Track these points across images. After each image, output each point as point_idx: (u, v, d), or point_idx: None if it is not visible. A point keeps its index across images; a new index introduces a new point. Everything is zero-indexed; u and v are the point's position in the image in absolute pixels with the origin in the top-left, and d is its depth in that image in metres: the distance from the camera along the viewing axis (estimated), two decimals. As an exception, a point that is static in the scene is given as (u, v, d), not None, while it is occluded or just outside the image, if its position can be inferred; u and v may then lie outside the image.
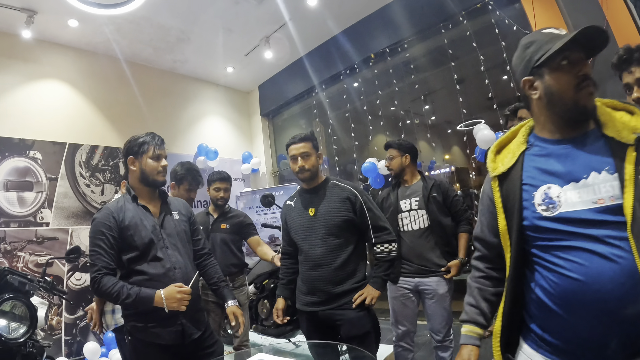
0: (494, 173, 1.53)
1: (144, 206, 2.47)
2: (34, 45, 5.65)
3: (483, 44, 5.44)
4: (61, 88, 5.96)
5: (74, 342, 5.33)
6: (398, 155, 3.59)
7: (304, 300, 2.86)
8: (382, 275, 2.80)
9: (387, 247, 2.81)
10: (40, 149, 5.52)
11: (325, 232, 2.77)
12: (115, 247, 2.30)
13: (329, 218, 2.78)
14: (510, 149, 1.53)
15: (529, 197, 1.41)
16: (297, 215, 2.95)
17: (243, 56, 7.23)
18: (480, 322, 1.64)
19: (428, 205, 3.43)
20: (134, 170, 2.48)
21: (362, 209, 2.81)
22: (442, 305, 3.36)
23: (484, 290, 1.67)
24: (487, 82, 5.28)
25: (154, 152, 2.48)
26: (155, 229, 2.41)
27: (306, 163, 2.86)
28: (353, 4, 6.07)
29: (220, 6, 5.73)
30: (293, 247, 2.99)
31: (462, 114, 5.81)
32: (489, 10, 5.20)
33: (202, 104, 7.94)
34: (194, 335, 2.41)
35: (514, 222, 1.44)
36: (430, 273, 3.36)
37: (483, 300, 1.66)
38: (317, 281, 2.77)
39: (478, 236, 1.71)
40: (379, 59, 6.56)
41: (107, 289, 2.20)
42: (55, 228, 5.47)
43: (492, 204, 1.56)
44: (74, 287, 5.45)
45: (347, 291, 2.73)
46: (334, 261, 2.74)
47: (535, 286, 1.41)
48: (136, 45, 6.44)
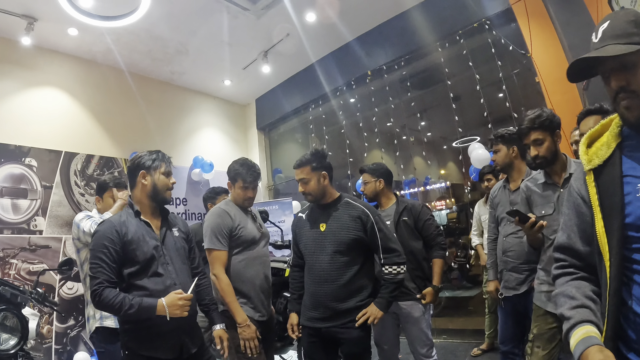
0: (589, 166, 1.34)
1: (146, 222, 2.49)
2: (33, 52, 5.67)
3: (479, 62, 5.51)
4: (59, 96, 5.97)
5: (64, 352, 5.29)
6: (372, 180, 3.57)
7: (308, 315, 2.85)
8: (388, 297, 2.80)
9: (395, 269, 2.80)
10: (36, 157, 5.52)
11: (333, 249, 2.77)
12: (117, 260, 2.31)
13: (339, 235, 2.79)
14: (604, 142, 1.35)
15: (633, 189, 1.23)
16: (307, 228, 2.96)
17: (241, 69, 7.27)
18: (595, 321, 1.26)
19: (397, 229, 3.39)
20: (145, 185, 2.49)
21: (372, 229, 2.81)
22: (419, 327, 3.34)
23: (584, 287, 1.36)
24: (483, 100, 5.34)
25: (166, 168, 2.53)
26: (156, 245, 2.43)
27: (306, 188, 2.90)
28: (351, 21, 6.14)
29: (219, 20, 5.77)
30: (302, 259, 3.00)
31: (457, 131, 5.87)
32: (485, 29, 5.28)
33: (198, 116, 7.95)
34: (192, 350, 2.43)
35: (614, 221, 1.25)
36: (402, 296, 3.28)
37: (586, 298, 1.32)
38: (322, 297, 2.77)
39: (564, 245, 1.46)
40: (375, 75, 6.61)
41: (109, 301, 2.19)
42: (49, 236, 5.45)
43: (585, 203, 1.37)
44: (66, 296, 5.43)
45: (352, 309, 2.73)
46: (340, 278, 2.74)
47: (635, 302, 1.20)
48: (135, 56, 6.48)
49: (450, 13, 5.52)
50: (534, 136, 2.51)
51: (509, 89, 5.20)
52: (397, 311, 3.35)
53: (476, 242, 5.03)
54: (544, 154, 2.50)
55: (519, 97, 5.25)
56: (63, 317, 5.30)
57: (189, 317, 2.39)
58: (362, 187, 3.65)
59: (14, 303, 2.86)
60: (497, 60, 5.23)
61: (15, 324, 2.80)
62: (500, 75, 5.20)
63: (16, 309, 2.84)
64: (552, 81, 4.55)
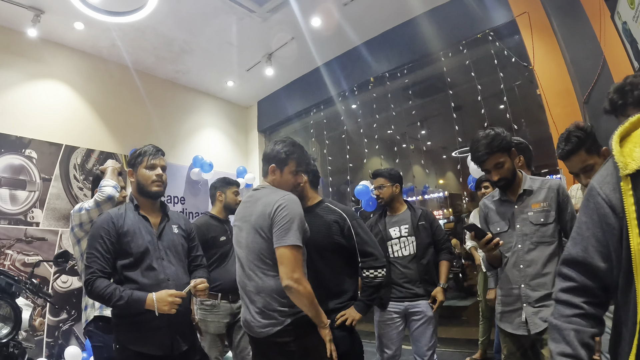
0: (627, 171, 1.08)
1: (144, 216, 2.51)
2: (38, 45, 5.68)
3: (481, 73, 5.54)
4: (62, 89, 5.98)
5: (55, 345, 5.27)
6: (388, 184, 3.63)
7: None
8: (366, 300, 2.81)
9: (373, 273, 2.81)
10: (36, 149, 5.52)
11: (313, 252, 2.76)
12: (112, 252, 2.33)
13: (317, 240, 2.77)
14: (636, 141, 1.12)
15: None
16: None
17: (244, 71, 7.29)
18: None
19: (417, 233, 3.51)
20: (133, 182, 2.55)
21: (350, 233, 2.81)
22: (429, 328, 3.40)
23: (582, 333, 1.21)
24: (484, 111, 5.36)
25: (148, 162, 2.53)
26: (152, 239, 2.45)
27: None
28: (356, 28, 6.17)
29: (225, 21, 5.80)
30: None
31: (457, 141, 5.89)
32: (489, 40, 5.30)
33: (200, 116, 7.97)
34: (182, 348, 2.42)
35: None
36: (419, 297, 3.41)
37: (582, 347, 1.20)
38: None
39: (577, 260, 1.25)
40: (378, 82, 6.63)
41: (100, 291, 2.22)
42: (45, 229, 5.45)
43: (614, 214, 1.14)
44: (60, 289, 5.42)
45: (331, 310, 2.73)
46: (321, 280, 2.74)
47: None
48: (139, 53, 6.50)
49: (454, 23, 5.55)
50: (493, 161, 2.49)
51: (510, 100, 5.23)
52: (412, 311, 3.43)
53: (469, 244, 5.06)
54: (505, 175, 2.51)
55: (520, 109, 5.29)
56: (56, 309, 5.29)
57: (181, 315, 2.40)
58: (377, 191, 3.69)
59: (8, 292, 2.86)
60: (500, 72, 5.25)
61: (8, 313, 2.80)
62: (502, 87, 5.23)
63: (10, 298, 2.84)
64: (553, 94, 4.57)
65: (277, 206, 2.35)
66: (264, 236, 2.35)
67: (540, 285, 2.38)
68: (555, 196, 2.44)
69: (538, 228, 2.43)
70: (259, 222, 2.38)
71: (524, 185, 2.53)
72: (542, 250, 2.41)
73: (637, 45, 3.17)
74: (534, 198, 2.50)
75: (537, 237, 2.43)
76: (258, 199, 2.49)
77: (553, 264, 2.37)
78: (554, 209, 2.43)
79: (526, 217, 2.47)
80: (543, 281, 2.37)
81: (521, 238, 2.47)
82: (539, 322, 2.33)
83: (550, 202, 2.44)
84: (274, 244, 2.31)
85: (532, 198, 2.50)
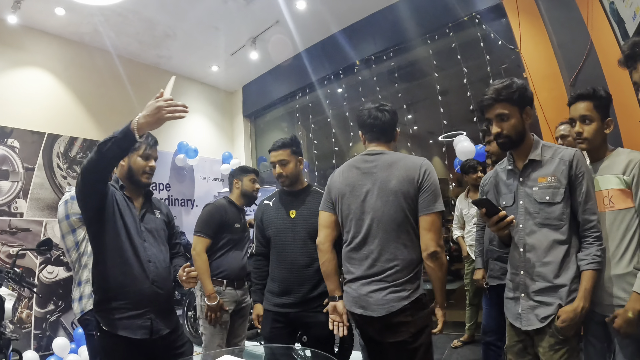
0: None
1: (129, 197, 2.47)
2: (19, 32, 5.56)
3: (468, 57, 5.52)
4: (44, 76, 5.87)
5: (43, 337, 5.24)
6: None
7: (275, 302, 2.86)
8: None
9: None
10: (19, 138, 5.42)
11: (306, 235, 2.81)
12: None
13: (310, 222, 2.81)
14: None
15: None
16: (275, 215, 2.96)
17: (229, 56, 7.21)
18: None
19: None
20: (122, 166, 2.48)
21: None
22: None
23: None
24: (470, 94, 5.36)
25: (145, 151, 2.49)
26: (135, 220, 2.42)
27: (284, 170, 2.91)
28: (341, 11, 6.11)
29: (209, 4, 5.71)
30: (267, 247, 3.00)
31: (443, 125, 5.88)
32: (475, 23, 5.29)
33: (184, 102, 7.58)
34: (162, 332, 2.39)
35: None
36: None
37: None
38: (293, 283, 2.81)
39: None
40: (363, 66, 6.59)
41: (89, 157, 2.10)
42: (30, 219, 5.38)
43: None
44: (46, 280, 5.36)
45: (322, 294, 2.76)
46: (312, 264, 2.77)
47: None
48: (122, 38, 6.39)
49: (440, 6, 5.50)
50: (498, 110, 2.11)
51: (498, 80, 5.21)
52: None
53: (457, 234, 5.09)
54: (508, 132, 2.12)
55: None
56: (41, 298, 5.23)
57: (162, 299, 2.40)
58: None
59: (-11, 282, 2.82)
60: (486, 55, 5.24)
61: (-11, 303, 2.77)
62: (488, 70, 5.22)
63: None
64: (540, 77, 4.57)
65: (423, 171, 2.24)
66: (410, 202, 2.21)
67: (539, 276, 2.06)
68: (567, 170, 2.05)
69: (543, 207, 2.07)
70: (403, 187, 2.22)
71: (532, 154, 2.14)
72: (546, 234, 2.07)
73: (625, 25, 3.17)
74: (542, 170, 2.11)
75: (541, 217, 2.08)
76: (390, 163, 2.30)
77: (557, 252, 2.04)
78: (564, 185, 2.04)
79: (530, 192, 2.12)
80: (542, 271, 2.05)
81: (523, 217, 2.14)
82: (533, 319, 2.06)
83: (560, 177, 2.05)
84: (423, 210, 2.20)
85: (541, 170, 2.12)
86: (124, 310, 2.28)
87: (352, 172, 2.39)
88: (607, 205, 2.11)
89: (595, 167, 2.22)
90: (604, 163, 2.19)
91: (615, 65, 2.13)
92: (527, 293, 2.10)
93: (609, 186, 2.11)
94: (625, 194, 2.06)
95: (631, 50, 1.87)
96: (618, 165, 2.12)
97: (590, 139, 2.18)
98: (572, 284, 1.99)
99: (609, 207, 2.10)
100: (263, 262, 3.05)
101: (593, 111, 2.17)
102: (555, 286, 2.01)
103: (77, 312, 3.13)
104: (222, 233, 3.54)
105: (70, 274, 3.73)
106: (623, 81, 3.01)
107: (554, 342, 1.99)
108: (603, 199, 2.12)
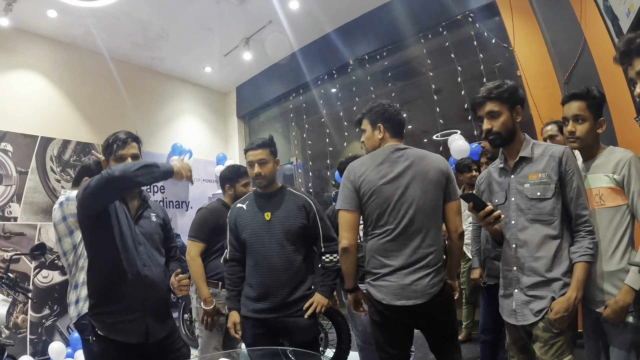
0: None
1: (124, 200, 2.42)
2: (11, 34, 5.54)
3: (461, 55, 5.54)
4: (36, 79, 5.84)
5: (39, 342, 5.21)
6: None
7: (253, 307, 2.78)
8: (331, 284, 2.83)
9: (336, 257, 2.81)
10: (12, 141, 5.39)
11: (283, 237, 2.77)
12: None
13: (287, 224, 2.79)
14: None
15: None
16: (250, 218, 2.89)
17: (222, 56, 7.20)
18: None
19: None
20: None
21: (315, 218, 2.85)
22: None
23: None
24: (464, 93, 5.36)
25: (116, 153, 2.42)
26: (130, 224, 2.37)
27: (262, 170, 2.85)
28: (334, 10, 6.11)
29: (201, 5, 5.71)
30: (242, 252, 2.93)
31: (438, 124, 5.88)
32: (468, 22, 5.31)
33: (178, 103, 7.86)
34: (158, 336, 2.37)
35: None
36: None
37: None
38: (271, 287, 2.74)
39: None
40: (357, 65, 6.60)
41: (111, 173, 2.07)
42: (24, 223, 5.34)
43: None
44: (41, 285, 5.33)
45: (300, 298, 2.74)
46: (290, 267, 2.75)
47: None
48: (115, 40, 6.36)
49: (433, 5, 5.52)
50: (489, 107, 2.20)
51: (490, 82, 5.23)
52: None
53: None
54: (498, 129, 2.19)
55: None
56: (35, 303, 5.19)
57: (157, 302, 2.38)
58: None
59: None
60: (480, 53, 5.26)
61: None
62: (482, 69, 5.24)
63: (-16, 294, 2.78)
64: (533, 75, 4.59)
65: (447, 164, 2.47)
66: (441, 191, 2.40)
67: (531, 270, 2.11)
68: (557, 166, 2.11)
69: (534, 203, 2.13)
70: (439, 178, 2.39)
71: (523, 152, 2.21)
72: (537, 229, 2.12)
73: (619, 23, 3.17)
74: (533, 167, 2.18)
75: (532, 213, 2.14)
76: (421, 156, 2.44)
77: (549, 247, 2.08)
78: (555, 181, 2.10)
79: (522, 189, 2.18)
80: (535, 266, 2.10)
81: (516, 213, 2.20)
82: (528, 314, 2.10)
83: (550, 173, 2.11)
84: (452, 197, 2.42)
85: (532, 167, 2.18)
86: (118, 315, 2.26)
87: (385, 165, 2.42)
88: (598, 203, 2.16)
89: (587, 165, 2.27)
90: (596, 162, 2.23)
91: (609, 63, 2.13)
92: (520, 288, 2.15)
93: (599, 184, 2.16)
94: (615, 192, 2.11)
95: (626, 46, 1.88)
96: (608, 164, 2.16)
97: (583, 138, 2.22)
98: (565, 277, 2.04)
99: (599, 205, 2.16)
100: (237, 268, 2.95)
101: (586, 111, 2.21)
102: (548, 280, 2.06)
103: (74, 315, 3.10)
104: (218, 236, 3.49)
105: (66, 278, 3.71)
106: (617, 78, 3.02)
107: (548, 337, 2.02)
108: (594, 197, 2.17)
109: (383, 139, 2.53)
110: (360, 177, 2.42)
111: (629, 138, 3.29)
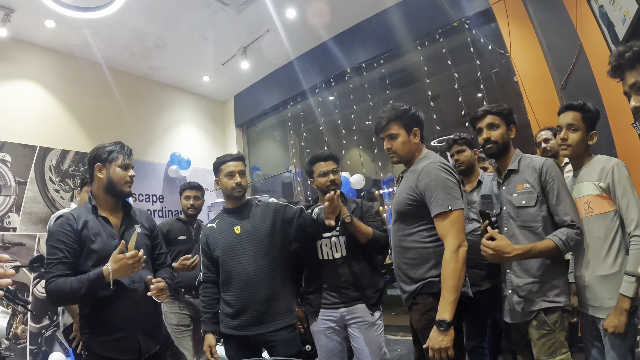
0: None
1: (104, 217, 2.41)
2: (9, 44, 5.54)
3: (458, 62, 5.57)
4: (34, 89, 5.84)
5: (39, 352, 5.17)
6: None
7: (232, 324, 2.76)
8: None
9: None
10: (10, 152, 5.38)
11: (254, 250, 2.76)
12: (73, 255, 2.24)
13: (256, 236, 2.79)
14: None
15: None
16: (220, 235, 2.88)
17: (220, 65, 7.21)
18: None
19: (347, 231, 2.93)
20: (101, 178, 2.42)
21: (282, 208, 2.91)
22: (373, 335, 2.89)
23: None
24: (461, 99, 5.39)
25: (123, 161, 2.45)
26: (114, 241, 2.34)
27: (242, 180, 2.89)
28: (331, 19, 6.13)
29: (199, 14, 5.73)
30: (215, 273, 2.91)
31: (435, 130, 5.91)
32: (465, 29, 5.34)
33: (176, 112, 7.87)
34: (152, 350, 2.37)
35: None
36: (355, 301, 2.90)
37: None
38: (246, 301, 2.71)
39: None
40: (354, 73, 6.63)
41: (61, 289, 2.12)
42: (23, 234, 5.33)
43: None
44: (40, 295, 5.30)
45: (277, 310, 2.73)
46: (264, 279, 2.73)
47: None
48: (112, 50, 6.37)
49: (430, 12, 5.55)
50: (489, 119, 2.44)
51: (487, 88, 5.28)
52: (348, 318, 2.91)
53: None
54: (496, 139, 2.41)
55: (497, 96, 5.32)
56: (35, 315, 5.17)
57: (149, 316, 2.39)
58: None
59: (-19, 300, 2.79)
60: (476, 60, 5.29)
61: (-18, 322, 2.73)
62: (479, 75, 5.27)
63: (-16, 306, 2.77)
64: (530, 80, 4.62)
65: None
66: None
67: (523, 272, 2.30)
68: (537, 177, 2.29)
69: (520, 211, 2.32)
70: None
71: (511, 164, 2.41)
72: (525, 235, 2.29)
73: (614, 29, 3.20)
74: (519, 178, 2.37)
75: (520, 220, 2.32)
76: None
77: None
78: (537, 190, 2.28)
79: (511, 198, 2.37)
80: (525, 268, 2.29)
81: (507, 221, 2.39)
82: (521, 313, 2.27)
83: (533, 184, 2.30)
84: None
85: (518, 178, 2.38)
86: (110, 333, 2.26)
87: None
88: (587, 211, 2.28)
89: (576, 174, 2.42)
90: (582, 171, 2.37)
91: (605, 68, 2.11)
92: (513, 289, 2.35)
93: (587, 192, 2.29)
94: (602, 199, 2.22)
95: (617, 61, 1.87)
96: (593, 172, 2.28)
97: (574, 146, 2.36)
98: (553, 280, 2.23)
99: (588, 212, 2.28)
100: (212, 290, 2.92)
101: (580, 122, 2.35)
102: (538, 282, 2.24)
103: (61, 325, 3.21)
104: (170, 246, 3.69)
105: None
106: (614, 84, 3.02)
107: (541, 335, 2.19)
108: (582, 205, 2.30)
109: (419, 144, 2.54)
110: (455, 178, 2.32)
111: (626, 144, 3.31)
